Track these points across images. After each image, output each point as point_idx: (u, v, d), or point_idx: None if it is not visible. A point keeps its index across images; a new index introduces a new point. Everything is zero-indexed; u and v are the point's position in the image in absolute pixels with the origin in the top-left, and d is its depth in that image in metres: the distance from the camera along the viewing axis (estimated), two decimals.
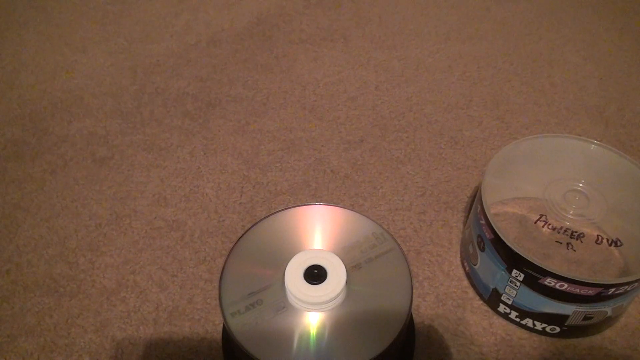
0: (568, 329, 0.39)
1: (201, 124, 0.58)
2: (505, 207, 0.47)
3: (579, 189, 0.44)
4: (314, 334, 0.31)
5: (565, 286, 0.36)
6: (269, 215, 0.37)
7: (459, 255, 0.46)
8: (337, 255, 0.33)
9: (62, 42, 0.70)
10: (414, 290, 0.43)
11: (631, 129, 0.57)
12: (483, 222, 0.39)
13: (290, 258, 0.33)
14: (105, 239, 0.48)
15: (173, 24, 0.73)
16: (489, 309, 0.42)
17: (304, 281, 0.32)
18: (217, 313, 0.42)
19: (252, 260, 0.35)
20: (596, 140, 0.44)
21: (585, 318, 0.38)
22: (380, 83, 0.63)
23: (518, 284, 0.38)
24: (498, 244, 0.38)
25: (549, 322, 0.39)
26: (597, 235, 0.43)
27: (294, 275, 0.32)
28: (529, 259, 0.36)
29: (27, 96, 0.62)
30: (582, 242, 0.42)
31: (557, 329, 0.39)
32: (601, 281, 0.35)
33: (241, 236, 0.36)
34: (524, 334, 0.41)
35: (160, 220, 0.49)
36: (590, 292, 0.36)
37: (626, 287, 0.36)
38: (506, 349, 0.40)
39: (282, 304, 0.32)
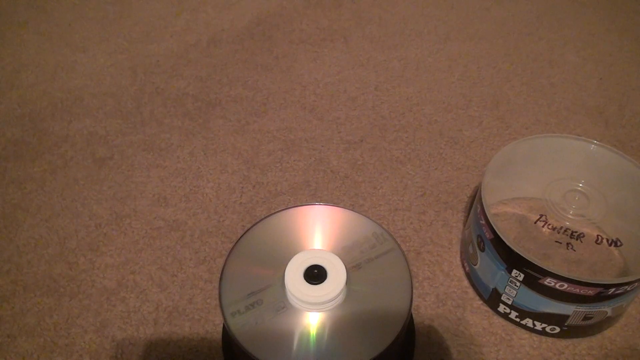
0: (568, 329, 0.39)
1: (201, 124, 0.58)
2: (505, 207, 0.47)
3: (579, 189, 0.44)
4: (314, 334, 0.31)
5: (565, 286, 0.36)
6: (269, 215, 0.37)
7: (459, 255, 0.46)
8: (337, 255, 0.33)
9: (62, 42, 0.70)
10: (414, 290, 0.43)
11: (631, 129, 0.57)
12: (483, 222, 0.39)
13: (290, 258, 0.33)
14: (105, 239, 0.48)
15: (173, 24, 0.73)
16: (489, 309, 0.42)
17: (304, 281, 0.32)
18: (217, 313, 0.42)
19: (252, 260, 0.35)
20: (596, 140, 0.44)
21: (585, 318, 0.38)
22: (380, 83, 0.63)
23: (518, 284, 0.38)
24: (498, 244, 0.38)
25: (549, 322, 0.39)
26: (597, 235, 0.43)
27: (293, 275, 0.32)
28: (529, 259, 0.36)
29: (27, 96, 0.62)
30: (582, 242, 0.42)
31: (557, 329, 0.39)
32: (601, 281, 0.35)
33: (241, 236, 0.36)
34: (524, 334, 0.41)
35: (160, 220, 0.49)
36: (590, 292, 0.36)
37: (626, 287, 0.36)
38: (506, 349, 0.40)
39: (282, 304, 0.32)
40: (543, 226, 0.43)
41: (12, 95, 0.62)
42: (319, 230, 0.36)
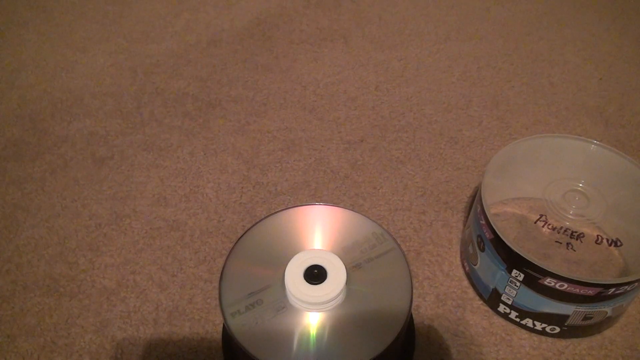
0: (568, 329, 0.39)
1: (201, 124, 0.58)
2: (505, 207, 0.47)
3: (579, 189, 0.44)
4: (314, 334, 0.31)
5: (565, 286, 0.36)
6: (269, 215, 0.37)
7: (459, 255, 0.46)
8: (337, 255, 0.33)
9: (62, 42, 0.70)
10: (414, 290, 0.43)
11: (631, 129, 0.57)
12: (483, 222, 0.39)
13: (290, 258, 0.33)
14: (105, 239, 0.48)
15: (173, 24, 0.73)
16: (489, 309, 0.42)
17: (304, 281, 0.32)
18: (217, 313, 0.42)
19: (252, 260, 0.35)
20: (596, 140, 0.44)
21: (585, 318, 0.38)
22: (380, 83, 0.63)
23: (518, 284, 0.38)
24: (498, 244, 0.38)
25: (549, 322, 0.39)
26: (597, 235, 0.43)
27: (294, 275, 0.32)
28: (528, 259, 0.36)
29: (27, 96, 0.62)
30: (582, 242, 0.42)
31: (557, 329, 0.39)
32: (601, 281, 0.35)
33: (241, 236, 0.36)
34: (524, 334, 0.41)
35: (160, 220, 0.49)
36: (590, 292, 0.36)
37: (626, 287, 0.36)
38: (506, 349, 0.40)
39: (282, 304, 0.32)
40: (543, 226, 0.43)
41: (12, 95, 0.62)
42: (319, 230, 0.36)
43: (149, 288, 0.44)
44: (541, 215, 0.44)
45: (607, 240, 0.43)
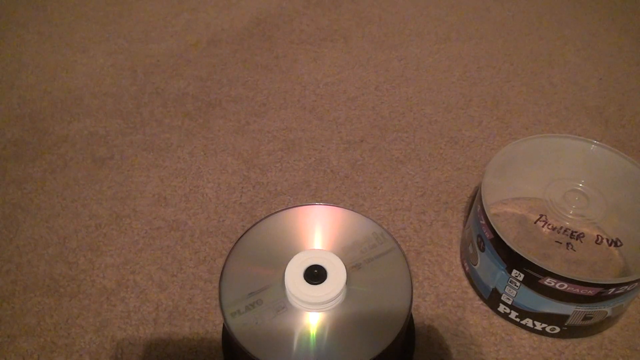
0: (568, 329, 0.39)
1: (201, 124, 0.58)
2: (505, 207, 0.47)
3: (579, 189, 0.44)
4: (314, 334, 0.31)
5: (565, 286, 0.36)
6: (269, 215, 0.37)
7: (459, 255, 0.46)
8: (337, 255, 0.33)
9: (62, 42, 0.70)
10: (414, 290, 0.43)
11: (631, 129, 0.57)
12: (483, 222, 0.39)
13: (290, 258, 0.33)
14: (105, 239, 0.48)
15: (173, 24, 0.73)
16: (489, 309, 0.42)
17: (304, 281, 0.32)
18: (217, 313, 0.42)
19: (252, 260, 0.35)
20: (596, 140, 0.44)
21: (585, 318, 0.38)
22: (380, 83, 0.63)
23: (518, 284, 0.38)
24: (498, 244, 0.38)
25: (549, 322, 0.39)
26: (597, 235, 0.43)
27: (293, 275, 0.32)
28: (528, 259, 0.36)
29: (27, 96, 0.62)
30: (582, 242, 0.42)
31: (557, 329, 0.39)
32: (601, 281, 0.35)
33: (241, 236, 0.36)
34: (524, 334, 0.41)
35: (160, 220, 0.49)
36: (590, 292, 0.36)
37: (626, 287, 0.36)
38: (506, 349, 0.40)
39: (282, 304, 0.32)
40: (543, 226, 0.43)
41: (12, 95, 0.62)
42: (319, 230, 0.36)
43: (149, 288, 0.44)
44: (541, 215, 0.44)
45: (607, 240, 0.43)
